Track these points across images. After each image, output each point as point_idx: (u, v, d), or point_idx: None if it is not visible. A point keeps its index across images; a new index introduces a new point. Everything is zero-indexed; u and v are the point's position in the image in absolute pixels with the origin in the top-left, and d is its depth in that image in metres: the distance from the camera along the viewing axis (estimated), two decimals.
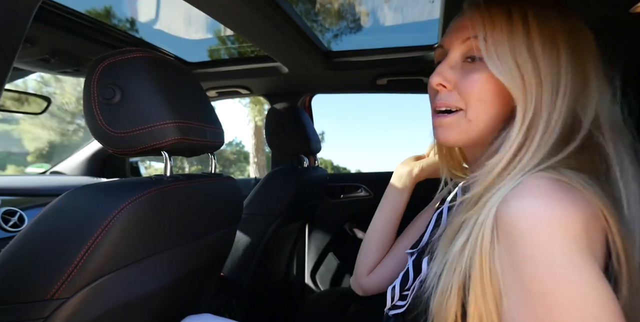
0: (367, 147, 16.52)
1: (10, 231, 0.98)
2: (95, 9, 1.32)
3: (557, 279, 0.30)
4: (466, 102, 0.42)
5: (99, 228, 0.46)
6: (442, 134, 0.45)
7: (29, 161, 9.27)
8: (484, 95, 0.41)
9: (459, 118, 0.43)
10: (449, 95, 0.44)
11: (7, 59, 0.41)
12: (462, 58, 0.44)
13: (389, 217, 0.68)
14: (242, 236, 1.09)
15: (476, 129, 0.43)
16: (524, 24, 0.40)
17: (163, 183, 0.56)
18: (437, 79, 0.43)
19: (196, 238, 0.65)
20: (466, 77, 0.42)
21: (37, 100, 1.17)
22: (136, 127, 0.53)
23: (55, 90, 9.75)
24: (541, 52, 0.39)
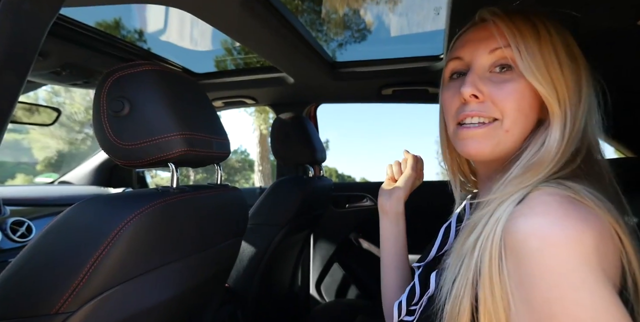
0: (372, 154, 16.51)
1: (18, 241, 0.99)
2: (106, 21, 1.36)
3: (567, 302, 0.29)
4: (503, 112, 0.41)
5: (105, 241, 0.46)
6: (473, 146, 0.43)
7: (38, 170, 9.40)
8: (521, 105, 0.41)
9: (495, 129, 0.42)
10: (482, 106, 0.42)
11: (21, 73, 0.42)
12: (489, 68, 0.43)
13: (394, 250, 0.64)
14: (247, 246, 1.08)
15: (511, 140, 0.42)
16: (549, 34, 0.40)
17: (169, 195, 0.56)
18: (470, 90, 0.42)
19: (202, 250, 0.65)
20: (500, 87, 0.41)
21: (48, 111, 1.20)
22: (144, 139, 0.54)
23: (65, 100, 9.95)
24: (567, 63, 0.40)
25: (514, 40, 0.40)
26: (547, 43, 0.40)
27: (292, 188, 1.14)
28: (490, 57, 0.42)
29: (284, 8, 0.77)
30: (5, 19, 0.39)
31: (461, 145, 0.44)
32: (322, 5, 1.58)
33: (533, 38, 0.40)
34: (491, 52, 0.42)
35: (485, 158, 0.44)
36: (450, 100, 0.46)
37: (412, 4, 1.10)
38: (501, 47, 0.41)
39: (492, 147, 0.42)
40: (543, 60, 0.39)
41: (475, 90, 0.42)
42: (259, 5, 0.69)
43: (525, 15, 0.42)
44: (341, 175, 10.58)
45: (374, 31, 1.37)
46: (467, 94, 0.42)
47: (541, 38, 0.40)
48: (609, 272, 0.31)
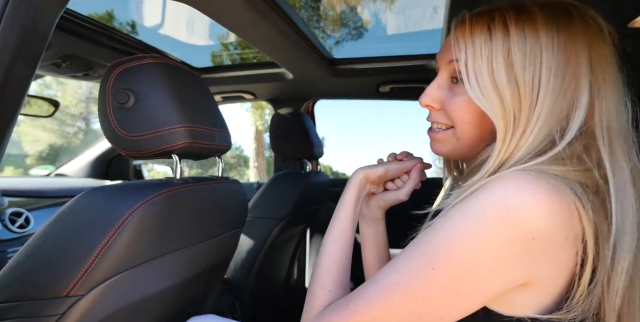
0: (367, 152, 16.57)
1: (16, 232, 0.99)
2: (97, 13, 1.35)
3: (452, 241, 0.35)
4: (454, 122, 0.45)
5: (112, 228, 0.47)
6: (435, 147, 0.49)
7: (28, 164, 9.25)
8: (467, 117, 0.43)
9: (450, 135, 0.46)
10: (437, 114, 0.47)
11: (31, 65, 0.42)
12: (449, 78, 0.45)
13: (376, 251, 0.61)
14: (246, 239, 1.10)
15: (465, 145, 0.46)
16: (504, 44, 0.39)
17: (173, 185, 0.57)
18: (425, 100, 0.46)
19: (203, 240, 0.67)
20: (451, 100, 0.44)
21: (46, 103, 1.19)
22: (149, 131, 0.55)
23: (57, 93, 9.78)
24: (521, 72, 0.39)
25: (464, 53, 0.41)
26: (499, 53, 0.39)
27: (290, 182, 1.16)
28: (448, 68, 0.45)
29: (285, 4, 0.78)
30: (17, 11, 0.39)
31: (430, 144, 0.50)
32: (321, 2, 1.58)
33: (485, 49, 0.40)
34: (449, 63, 0.44)
35: (447, 157, 0.50)
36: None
37: (411, 3, 1.12)
38: (453, 61, 0.42)
39: (448, 151, 0.48)
40: (489, 76, 0.40)
41: (430, 101, 0.46)
42: (262, 1, 0.70)
43: (486, 18, 0.41)
44: (336, 172, 10.62)
45: (373, 29, 1.38)
46: (422, 104, 0.47)
47: (493, 44, 0.39)
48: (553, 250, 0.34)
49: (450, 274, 0.34)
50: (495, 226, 0.33)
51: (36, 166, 9.21)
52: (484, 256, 0.33)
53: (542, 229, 0.33)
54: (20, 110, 0.44)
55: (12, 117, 0.43)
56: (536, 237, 0.33)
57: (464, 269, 0.34)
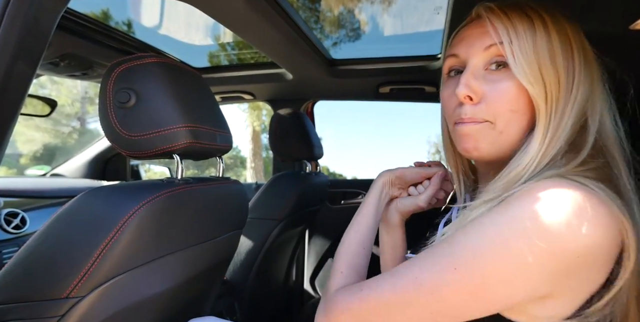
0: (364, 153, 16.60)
1: (12, 232, 0.98)
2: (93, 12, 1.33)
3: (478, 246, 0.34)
4: (496, 114, 0.40)
5: (113, 229, 0.47)
6: (470, 145, 0.42)
7: (22, 164, 9.14)
8: (516, 104, 0.40)
9: (488, 128, 0.41)
10: (475, 108, 0.41)
11: (32, 64, 0.42)
12: (484, 66, 0.42)
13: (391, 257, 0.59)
14: (245, 240, 1.09)
15: (508, 140, 0.41)
16: (545, 29, 0.39)
17: (174, 186, 0.57)
18: (465, 91, 0.41)
19: (204, 241, 0.66)
20: (495, 87, 0.40)
21: (43, 103, 1.18)
22: (150, 131, 0.54)
23: (51, 92, 9.68)
24: (561, 60, 0.39)
25: (507, 36, 0.39)
26: (542, 38, 0.39)
27: (289, 183, 1.16)
28: (485, 55, 0.41)
29: (287, 3, 0.78)
30: (19, 9, 0.39)
31: (459, 142, 0.44)
32: (320, 3, 1.58)
33: (528, 33, 0.39)
34: (486, 49, 0.41)
35: (483, 157, 0.43)
36: (448, 99, 0.45)
37: (411, 4, 1.12)
38: (496, 44, 0.40)
39: (488, 147, 0.42)
40: (536, 58, 0.39)
41: (470, 91, 0.41)
42: (264, 1, 0.70)
43: (521, 9, 0.40)
44: (333, 173, 10.63)
45: (372, 30, 1.38)
46: (461, 96, 0.41)
47: (537, 33, 0.39)
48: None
49: (473, 278, 0.33)
50: (534, 240, 0.31)
51: (30, 166, 9.10)
52: (516, 268, 0.32)
53: (589, 248, 0.31)
54: (21, 108, 0.43)
55: (13, 115, 0.42)
56: (581, 256, 0.31)
57: (491, 276, 0.32)
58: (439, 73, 0.50)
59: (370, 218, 0.53)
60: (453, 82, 0.45)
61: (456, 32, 0.47)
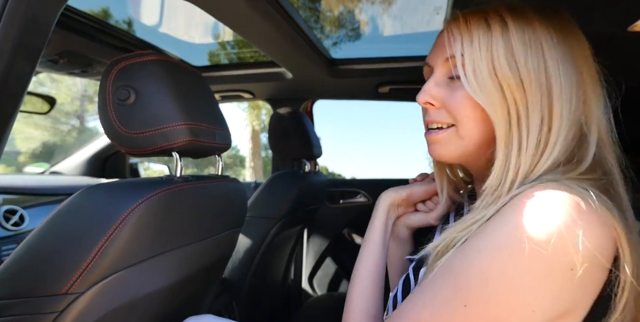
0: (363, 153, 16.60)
1: (10, 229, 0.98)
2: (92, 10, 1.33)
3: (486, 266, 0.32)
4: (455, 119, 0.42)
5: (112, 225, 0.47)
6: (435, 150, 0.45)
7: (21, 161, 9.12)
8: (471, 112, 0.40)
9: (451, 134, 0.42)
10: (437, 112, 0.43)
11: (32, 61, 0.42)
12: (447, 75, 0.43)
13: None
14: (244, 238, 1.09)
15: (470, 144, 0.42)
16: (503, 33, 0.38)
17: (173, 183, 0.57)
18: (424, 98, 0.43)
19: (203, 238, 0.66)
20: (452, 95, 0.41)
21: (42, 100, 1.18)
22: (149, 128, 0.54)
23: (50, 90, 9.66)
24: (523, 61, 0.37)
25: (460, 47, 0.39)
26: (499, 44, 0.38)
27: (288, 182, 1.16)
28: (445, 66, 0.42)
29: (287, 3, 0.78)
30: (18, 6, 0.39)
31: (429, 149, 0.46)
32: (320, 3, 1.58)
33: (483, 41, 0.38)
34: (445, 61, 0.42)
35: (448, 162, 0.45)
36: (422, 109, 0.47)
37: (411, 5, 1.12)
38: (450, 57, 0.41)
39: (452, 152, 0.43)
40: (487, 68, 0.38)
41: (429, 98, 0.43)
42: (264, 1, 0.70)
43: (484, 15, 0.40)
44: (332, 173, 10.64)
45: (372, 30, 1.39)
46: (421, 102, 0.43)
47: (492, 39, 0.38)
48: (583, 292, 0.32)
49: (485, 313, 0.31)
50: (534, 260, 0.30)
51: (29, 163, 9.07)
52: (523, 295, 0.31)
53: (583, 259, 0.30)
54: (21, 104, 0.44)
55: (13, 112, 0.43)
56: (574, 268, 0.30)
57: (500, 308, 0.31)
58: None
59: (379, 246, 0.51)
60: None
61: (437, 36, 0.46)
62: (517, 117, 0.38)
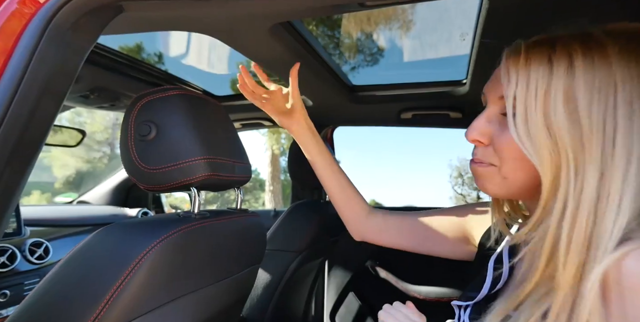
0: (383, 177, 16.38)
1: (35, 263, 0.98)
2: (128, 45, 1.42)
3: None
4: (501, 159, 0.40)
5: (126, 270, 0.44)
6: (480, 184, 0.44)
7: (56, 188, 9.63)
8: (519, 156, 0.37)
9: (493, 172, 0.41)
10: (484, 151, 0.42)
11: (57, 101, 0.42)
12: (501, 111, 0.41)
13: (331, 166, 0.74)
14: (263, 273, 1.04)
15: (515, 185, 0.40)
16: (567, 76, 0.34)
17: (191, 221, 0.54)
18: (473, 135, 0.42)
19: (221, 279, 0.62)
20: (502, 133, 0.40)
21: (73, 133, 1.23)
22: (168, 164, 0.53)
23: (86, 120, 10.37)
24: (587, 112, 0.33)
25: (514, 88, 0.36)
26: (558, 89, 0.34)
27: (309, 213, 1.11)
28: (499, 103, 0.41)
29: (309, 33, 0.79)
30: (49, 48, 0.40)
31: (475, 180, 0.45)
32: (338, 30, 1.61)
33: (541, 85, 0.34)
34: (499, 99, 0.40)
35: (494, 196, 0.44)
36: None
37: (433, 29, 1.11)
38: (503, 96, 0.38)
39: (495, 188, 0.42)
40: (543, 111, 0.34)
41: (477, 135, 0.42)
42: (286, 32, 0.71)
43: (548, 47, 0.36)
44: None
45: (393, 55, 1.39)
46: (469, 139, 0.43)
47: (553, 84, 0.34)
48: None
49: None
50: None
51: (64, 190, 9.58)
52: None
53: None
54: (44, 143, 0.43)
55: (36, 150, 0.42)
56: None
57: None
58: (464, 98, 0.51)
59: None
60: None
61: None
62: (573, 170, 0.34)
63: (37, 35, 0.38)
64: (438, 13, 1.21)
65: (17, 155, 0.38)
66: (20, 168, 0.40)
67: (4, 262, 0.92)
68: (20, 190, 0.40)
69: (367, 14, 1.47)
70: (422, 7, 1.24)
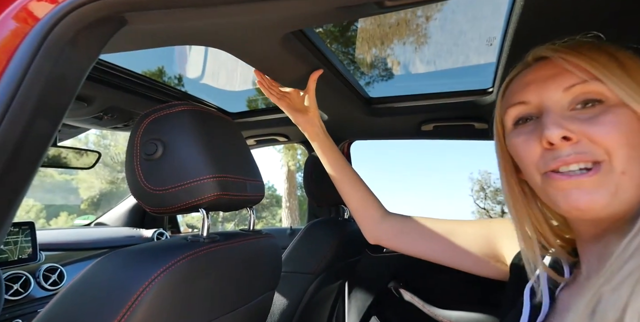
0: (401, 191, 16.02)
1: (49, 289, 0.96)
2: (150, 70, 1.45)
3: None
4: (609, 150, 0.33)
5: (124, 307, 0.40)
6: (584, 199, 0.33)
7: (82, 209, 9.94)
8: (631, 137, 0.33)
9: (606, 173, 0.33)
10: (579, 147, 0.34)
11: (54, 121, 0.39)
12: (569, 106, 0.37)
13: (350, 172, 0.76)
14: (279, 298, 0.97)
15: (632, 184, 0.33)
16: (635, 63, 0.36)
17: (199, 246, 0.50)
18: (559, 132, 0.34)
19: (233, 309, 0.57)
20: (595, 122, 0.34)
21: (90, 155, 1.24)
22: (174, 184, 0.50)
23: (111, 142, 10.81)
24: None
25: (597, 71, 0.34)
26: (636, 70, 0.35)
27: (326, 232, 1.05)
28: (566, 95, 0.36)
29: (322, 43, 0.76)
30: (45, 63, 0.37)
31: (562, 197, 0.35)
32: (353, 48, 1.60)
33: (615, 65, 0.35)
34: (566, 90, 0.36)
35: (598, 214, 0.34)
36: (524, 146, 0.38)
37: (459, 36, 1.07)
38: (580, 83, 0.35)
39: (610, 198, 0.33)
40: (637, 85, 0.34)
41: (565, 131, 0.34)
42: (298, 42, 0.68)
43: (597, 47, 0.37)
44: None
45: (411, 66, 1.35)
46: (556, 138, 0.34)
47: (626, 66, 0.35)
48: None
49: None
50: None
51: (89, 211, 9.88)
52: None
53: None
54: (40, 164, 0.40)
55: (32, 170, 0.39)
56: None
57: None
58: (491, 107, 0.46)
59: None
60: (526, 128, 0.39)
61: (511, 79, 0.43)
62: None
63: (33, 50, 0.35)
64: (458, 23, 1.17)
65: (10, 176, 0.35)
66: (13, 190, 0.36)
67: (17, 289, 0.90)
68: (13, 212, 0.37)
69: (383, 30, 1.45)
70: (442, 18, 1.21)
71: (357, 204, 0.73)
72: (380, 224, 0.71)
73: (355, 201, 0.73)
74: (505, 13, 0.60)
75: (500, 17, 0.63)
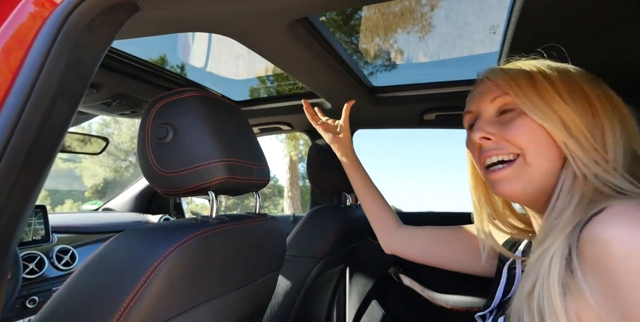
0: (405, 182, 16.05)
1: (62, 269, 1.00)
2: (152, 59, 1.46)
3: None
4: (520, 147, 0.43)
5: (141, 278, 0.43)
6: (505, 188, 0.45)
7: (87, 197, 10.06)
8: (534, 138, 0.42)
9: (519, 165, 0.43)
10: (497, 144, 0.45)
11: (73, 104, 0.41)
12: (496, 114, 0.47)
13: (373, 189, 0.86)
14: (283, 280, 1.01)
15: (539, 173, 0.42)
16: (546, 77, 0.44)
17: (208, 226, 0.53)
18: (480, 134, 0.46)
19: (240, 286, 0.60)
20: (509, 126, 0.44)
21: (97, 141, 1.26)
22: (185, 167, 0.52)
23: (114, 131, 10.84)
24: (571, 101, 0.41)
25: (508, 86, 0.44)
26: (543, 83, 0.43)
27: (329, 217, 1.08)
28: (492, 105, 0.47)
29: (327, 31, 0.77)
30: (64, 47, 0.39)
31: (495, 188, 0.46)
32: (358, 36, 1.59)
33: (528, 82, 0.44)
34: (492, 101, 0.47)
35: (520, 198, 0.45)
36: (471, 148, 0.50)
37: (459, 27, 1.07)
38: (500, 96, 0.46)
39: (524, 186, 0.43)
40: (540, 97, 0.42)
41: (484, 133, 0.46)
42: (304, 30, 0.69)
43: (519, 67, 0.47)
44: None
45: (414, 55, 1.34)
46: (477, 138, 0.46)
47: (536, 81, 0.43)
48: None
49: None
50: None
51: (93, 198, 10.01)
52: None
53: None
54: (60, 147, 0.43)
55: (51, 155, 0.41)
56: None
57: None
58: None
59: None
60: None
61: (470, 93, 0.54)
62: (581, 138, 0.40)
63: (52, 36, 0.37)
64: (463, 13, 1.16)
65: (32, 158, 0.38)
66: (36, 172, 0.39)
67: (32, 268, 0.94)
68: (36, 194, 0.39)
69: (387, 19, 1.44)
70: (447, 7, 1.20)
71: (375, 215, 0.84)
72: (393, 234, 0.80)
73: (374, 211, 0.84)
74: (509, 2, 0.60)
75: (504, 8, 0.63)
